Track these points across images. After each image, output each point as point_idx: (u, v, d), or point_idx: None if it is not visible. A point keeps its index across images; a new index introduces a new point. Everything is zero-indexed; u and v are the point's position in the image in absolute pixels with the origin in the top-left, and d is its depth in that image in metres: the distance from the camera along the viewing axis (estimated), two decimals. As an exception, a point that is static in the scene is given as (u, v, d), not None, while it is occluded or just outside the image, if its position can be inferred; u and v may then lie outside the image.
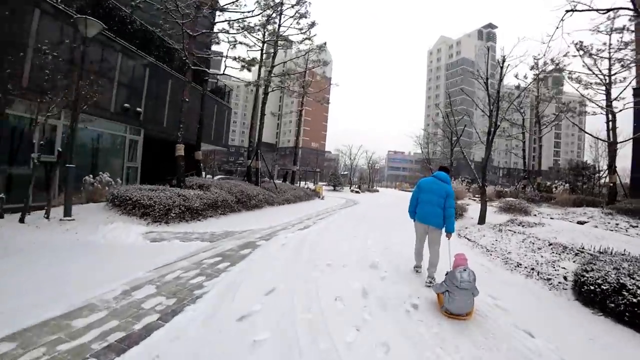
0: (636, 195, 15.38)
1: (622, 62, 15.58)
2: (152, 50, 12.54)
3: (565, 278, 5.06)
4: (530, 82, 14.33)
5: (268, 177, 36.53)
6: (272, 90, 17.05)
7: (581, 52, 15.12)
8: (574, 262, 5.66)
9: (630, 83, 15.85)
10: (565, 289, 4.79)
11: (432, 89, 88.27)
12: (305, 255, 5.72)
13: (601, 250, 5.89)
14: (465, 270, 3.61)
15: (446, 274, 3.79)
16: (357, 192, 33.84)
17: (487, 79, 10.22)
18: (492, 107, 9.86)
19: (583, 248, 6.14)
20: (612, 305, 3.93)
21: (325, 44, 17.36)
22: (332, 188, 33.88)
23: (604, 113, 17.10)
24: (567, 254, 6.07)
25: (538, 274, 5.32)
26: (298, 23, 16.27)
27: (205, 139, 16.79)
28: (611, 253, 5.48)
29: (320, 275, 4.64)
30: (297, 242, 6.66)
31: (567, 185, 17.49)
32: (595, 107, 17.33)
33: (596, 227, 10.47)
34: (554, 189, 17.69)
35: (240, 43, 13.05)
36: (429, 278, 4.61)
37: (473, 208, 12.93)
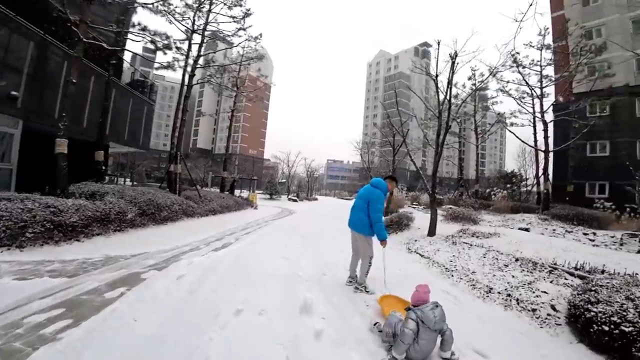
0: (558, 201, 16.13)
1: (548, 78, 16.43)
2: (42, 20, 9.52)
3: (554, 308, 3.88)
4: (470, 94, 14.11)
5: (200, 184, 33.25)
6: (197, 83, 14.69)
7: (515, 65, 15.53)
8: (551, 282, 4.60)
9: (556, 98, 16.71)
10: (559, 324, 3.59)
11: (370, 100, 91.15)
12: (207, 295, 3.81)
13: (577, 267, 4.95)
14: (437, 307, 2.78)
15: (408, 310, 2.82)
16: (294, 200, 32.06)
17: (436, 75, 9.37)
18: (441, 106, 8.98)
19: (555, 264, 5.16)
20: (640, 355, 2.74)
21: (260, 35, 15.55)
22: (268, 196, 31.73)
23: (532, 124, 17.91)
24: (540, 271, 5.03)
25: (518, 303, 4.10)
26: (230, 9, 14.29)
27: (116, 138, 13.76)
28: (603, 272, 4.52)
29: (216, 337, 2.79)
30: (202, 272, 4.68)
31: (505, 192, 17.95)
32: (524, 119, 18.11)
33: (543, 234, 10.17)
34: (492, 196, 18.04)
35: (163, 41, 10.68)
36: (350, 278, 4.54)
37: (419, 217, 12.04)
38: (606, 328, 3.01)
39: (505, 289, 4.49)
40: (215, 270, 4.86)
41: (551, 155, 19.97)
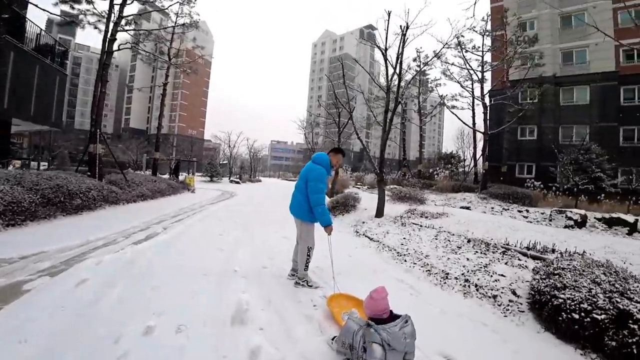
0: (494, 181, 17.21)
1: (488, 64, 17.05)
2: None
3: (514, 293, 3.60)
4: (418, 72, 14.01)
5: (133, 167, 29.88)
6: (120, 49, 12.54)
7: (459, 47, 15.77)
8: (506, 264, 4.39)
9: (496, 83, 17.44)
10: (522, 311, 3.29)
11: (315, 80, 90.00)
12: (112, 307, 2.83)
13: (529, 247, 4.83)
14: (407, 323, 2.10)
15: (368, 326, 2.06)
16: (237, 182, 30.53)
17: (385, 49, 8.85)
18: (390, 82, 8.50)
19: (508, 244, 5.02)
20: (614, 344, 2.47)
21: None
22: (209, 179, 29.77)
23: (471, 108, 18.67)
24: (493, 252, 4.84)
25: (477, 289, 3.77)
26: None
27: (20, 113, 11.17)
28: (554, 250, 4.38)
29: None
30: (113, 274, 3.63)
31: (447, 172, 18.67)
32: (464, 102, 18.81)
33: (485, 212, 10.50)
34: (435, 176, 18.66)
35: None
36: (293, 271, 3.88)
37: (365, 198, 11.76)
38: (576, 316, 2.72)
39: (462, 274, 4.16)
40: (131, 270, 3.83)
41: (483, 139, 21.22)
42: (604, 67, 17.26)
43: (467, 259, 4.64)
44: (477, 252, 4.88)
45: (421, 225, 6.90)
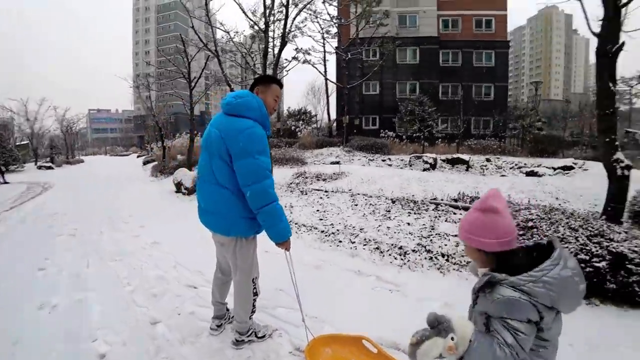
0: (349, 134, 18.45)
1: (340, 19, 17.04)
2: None
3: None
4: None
5: None
6: None
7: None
8: (446, 221, 4.16)
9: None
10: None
11: (141, 32, 74.70)
12: None
13: (456, 198, 4.78)
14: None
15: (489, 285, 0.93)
16: (49, 168, 21.91)
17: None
18: (268, 17, 6.92)
19: (435, 198, 4.86)
20: (613, 286, 2.35)
21: None
22: (-1, 170, 20.21)
23: (322, 62, 18.82)
24: (425, 210, 4.58)
25: (447, 259, 3.30)
26: None
27: None
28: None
29: None
30: None
31: (310, 128, 18.66)
32: (317, 57, 18.70)
33: (352, 162, 10.78)
34: (298, 133, 18.35)
35: None
36: (218, 320, 2.19)
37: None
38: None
39: (419, 244, 3.64)
40: None
41: (334, 93, 22.31)
42: (429, 32, 20.59)
43: (408, 224, 4.18)
44: (410, 213, 4.51)
45: (326, 191, 6.16)
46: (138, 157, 28.45)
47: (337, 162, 12.00)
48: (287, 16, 6.74)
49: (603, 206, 3.71)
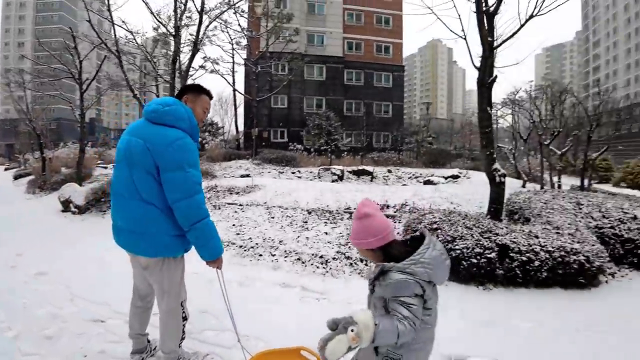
0: (257, 146, 18.24)
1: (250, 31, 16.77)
2: None
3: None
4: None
5: None
6: None
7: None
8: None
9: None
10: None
11: (13, 19, 60.90)
12: None
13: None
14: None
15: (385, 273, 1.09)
16: None
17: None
18: (179, 22, 6.34)
19: (348, 207, 5.05)
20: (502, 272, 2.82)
21: None
22: None
23: (231, 74, 18.25)
24: (341, 219, 4.72)
25: (367, 265, 3.44)
26: None
27: None
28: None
29: None
30: None
31: (218, 140, 17.61)
32: (226, 67, 18.06)
33: (263, 175, 10.63)
34: (205, 145, 17.15)
35: None
36: (139, 355, 1.88)
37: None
38: (474, 260, 2.90)
39: (338, 252, 3.72)
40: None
41: (242, 105, 21.87)
42: (335, 52, 22.27)
43: (326, 233, 4.25)
44: (326, 222, 4.60)
45: (240, 204, 5.86)
46: (6, 169, 22.73)
47: (247, 175, 11.62)
48: (200, 22, 6.29)
49: (487, 207, 4.43)
